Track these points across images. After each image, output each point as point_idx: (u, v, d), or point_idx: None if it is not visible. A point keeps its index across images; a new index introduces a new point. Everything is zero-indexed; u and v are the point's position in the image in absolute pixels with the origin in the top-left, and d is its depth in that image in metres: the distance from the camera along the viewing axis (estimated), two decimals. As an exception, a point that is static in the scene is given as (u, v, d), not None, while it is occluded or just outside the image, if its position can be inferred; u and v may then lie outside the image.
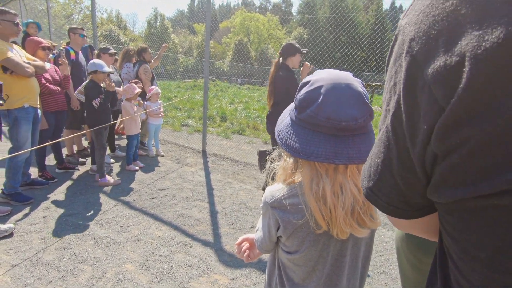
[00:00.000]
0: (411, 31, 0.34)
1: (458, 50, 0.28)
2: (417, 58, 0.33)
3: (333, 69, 0.74)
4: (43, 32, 8.85)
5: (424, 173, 0.36)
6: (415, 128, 0.34)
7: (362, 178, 0.47)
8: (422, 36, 0.32)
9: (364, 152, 0.68)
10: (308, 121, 0.69)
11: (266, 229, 0.85)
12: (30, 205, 3.01)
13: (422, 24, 0.33)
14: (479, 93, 0.27)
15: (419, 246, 1.14)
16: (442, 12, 0.30)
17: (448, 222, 0.35)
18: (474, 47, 0.27)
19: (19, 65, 2.75)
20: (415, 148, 0.35)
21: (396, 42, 0.38)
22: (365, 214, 0.73)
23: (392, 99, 0.38)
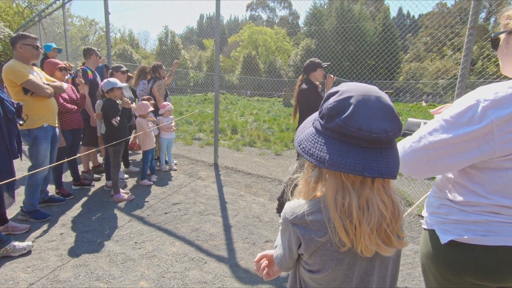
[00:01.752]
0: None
1: None
2: None
3: (360, 83, 0.73)
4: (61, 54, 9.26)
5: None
6: None
7: None
8: None
9: (392, 166, 0.65)
10: (337, 130, 0.67)
11: (286, 246, 0.82)
12: (47, 222, 3.06)
13: None
14: None
15: (448, 265, 1.07)
16: None
17: None
18: None
19: (39, 87, 2.86)
20: None
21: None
22: (392, 233, 0.69)
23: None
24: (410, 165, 1.12)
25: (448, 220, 1.07)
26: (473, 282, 1.04)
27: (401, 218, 0.71)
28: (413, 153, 1.10)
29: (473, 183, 1.02)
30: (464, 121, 0.97)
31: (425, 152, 1.06)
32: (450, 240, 1.04)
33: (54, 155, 3.27)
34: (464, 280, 1.05)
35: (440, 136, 1.02)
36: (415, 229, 3.18)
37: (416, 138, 1.11)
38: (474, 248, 1.00)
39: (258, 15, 74.32)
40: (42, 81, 2.97)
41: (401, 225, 0.75)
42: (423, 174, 1.12)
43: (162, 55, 23.73)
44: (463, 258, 1.02)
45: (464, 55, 2.89)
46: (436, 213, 1.12)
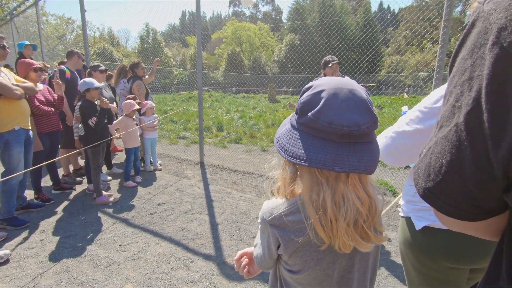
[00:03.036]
0: (501, 19, 0.30)
1: None
2: (510, 51, 0.29)
3: (337, 77, 0.71)
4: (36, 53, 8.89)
5: (505, 177, 0.32)
6: (501, 129, 0.31)
7: (416, 177, 0.43)
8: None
9: (366, 161, 0.63)
10: (309, 125, 0.66)
11: (265, 246, 0.81)
12: (26, 229, 2.95)
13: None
14: None
15: (423, 251, 1.10)
16: None
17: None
18: None
19: (7, 88, 2.73)
20: (498, 151, 0.32)
21: (473, 30, 0.35)
22: (369, 228, 0.69)
23: (466, 94, 0.34)
24: (391, 155, 1.15)
25: (422, 207, 1.10)
26: (447, 266, 1.08)
27: (378, 213, 0.71)
28: (393, 143, 1.13)
29: None
30: (437, 111, 0.99)
31: (403, 141, 1.09)
32: (424, 226, 1.08)
33: (29, 159, 3.14)
34: (439, 264, 1.08)
35: (416, 126, 1.05)
36: (398, 218, 3.27)
37: (395, 129, 1.13)
38: (446, 233, 1.04)
39: (241, 11, 73.82)
40: (10, 82, 2.83)
41: (379, 219, 0.75)
42: (404, 162, 1.15)
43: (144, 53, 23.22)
44: (437, 242, 1.06)
45: (440, 47, 2.97)
46: (411, 201, 1.16)
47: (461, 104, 0.35)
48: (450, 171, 0.37)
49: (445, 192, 0.39)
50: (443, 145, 0.38)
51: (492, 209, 0.37)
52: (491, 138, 0.32)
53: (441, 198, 0.39)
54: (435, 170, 0.39)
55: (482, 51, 0.32)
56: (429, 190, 0.41)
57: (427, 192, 0.41)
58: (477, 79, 0.33)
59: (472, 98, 0.33)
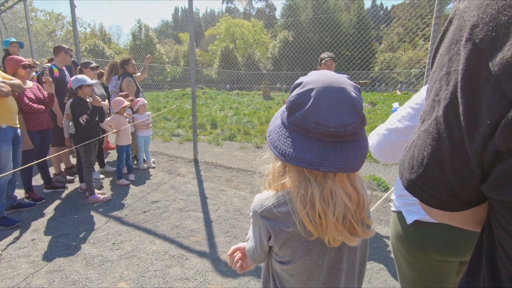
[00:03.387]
0: (474, 16, 0.31)
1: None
2: (480, 47, 0.30)
3: (328, 71, 0.71)
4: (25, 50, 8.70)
5: (480, 168, 0.34)
6: (474, 122, 0.32)
7: (401, 170, 0.45)
8: (489, 22, 0.30)
9: (352, 160, 0.65)
10: (297, 124, 0.66)
11: (257, 239, 0.82)
12: (17, 228, 2.91)
13: (488, 9, 0.30)
14: None
15: (414, 244, 1.13)
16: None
17: (507, 220, 0.34)
18: None
19: None
20: (472, 143, 0.33)
21: (450, 27, 0.36)
22: (357, 223, 0.71)
23: (444, 89, 0.35)
24: (384, 152, 1.17)
25: (413, 202, 1.12)
26: (437, 259, 1.10)
27: (366, 208, 0.72)
28: (386, 140, 1.14)
29: None
30: None
31: (396, 138, 1.10)
32: (415, 220, 1.10)
33: (18, 158, 3.09)
34: (429, 257, 1.11)
35: (407, 123, 1.06)
36: (390, 213, 3.31)
37: (387, 126, 1.15)
38: (437, 226, 1.07)
39: (235, 7, 73.33)
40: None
41: (368, 214, 0.77)
42: (397, 159, 1.17)
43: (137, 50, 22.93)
44: (427, 236, 1.08)
45: (431, 43, 3.00)
46: (403, 195, 1.18)
47: (440, 98, 0.36)
48: (431, 163, 0.38)
49: (427, 183, 0.40)
50: (425, 138, 0.39)
51: (471, 199, 0.39)
52: (466, 130, 0.33)
53: (424, 189, 0.41)
54: (417, 162, 0.40)
55: (458, 47, 0.33)
56: (412, 181, 0.42)
57: (411, 183, 0.42)
58: (454, 74, 0.34)
59: (450, 92, 0.34)
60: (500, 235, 0.36)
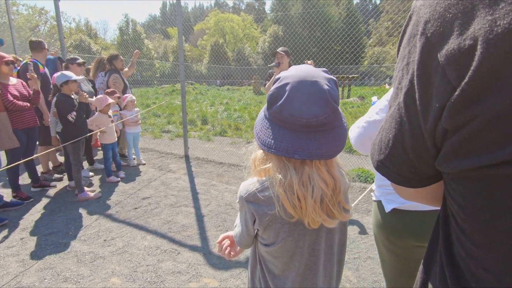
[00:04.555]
0: (427, 13, 0.35)
1: (471, 33, 0.30)
2: (431, 40, 0.34)
3: (306, 66, 0.76)
4: (7, 46, 8.43)
5: (434, 146, 0.38)
6: (427, 105, 0.36)
7: (372, 153, 0.50)
8: (438, 18, 0.34)
9: (325, 148, 0.70)
10: (275, 116, 0.72)
11: (243, 223, 0.87)
12: (4, 227, 2.87)
13: (437, 7, 0.34)
14: (488, 75, 0.29)
15: (392, 231, 1.18)
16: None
17: (454, 189, 0.39)
18: (487, 31, 0.29)
19: None
20: (426, 124, 0.37)
21: (410, 23, 0.40)
22: (334, 206, 0.76)
23: (404, 78, 0.40)
24: (364, 144, 1.21)
25: (391, 191, 1.17)
26: (413, 244, 1.17)
27: (342, 193, 0.78)
28: (365, 132, 1.18)
29: None
30: None
31: (375, 130, 1.15)
32: (393, 208, 1.15)
33: None
34: (406, 242, 1.17)
35: (384, 115, 1.11)
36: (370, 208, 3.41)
37: (367, 118, 1.19)
38: (412, 214, 1.12)
39: (224, 2, 72.47)
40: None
41: (346, 198, 0.82)
42: None
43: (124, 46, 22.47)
44: (404, 223, 1.14)
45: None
46: (382, 185, 1.23)
47: (402, 86, 0.41)
48: (395, 144, 0.43)
49: (393, 162, 0.45)
50: (390, 122, 0.44)
51: (430, 175, 0.44)
52: (421, 113, 0.38)
53: (390, 168, 0.46)
54: (384, 144, 0.45)
55: (415, 40, 0.38)
56: (381, 162, 0.47)
57: (380, 164, 0.47)
58: (412, 64, 0.38)
59: (409, 80, 0.39)
60: (450, 205, 0.41)
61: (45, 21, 28.42)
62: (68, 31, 29.27)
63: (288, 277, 0.84)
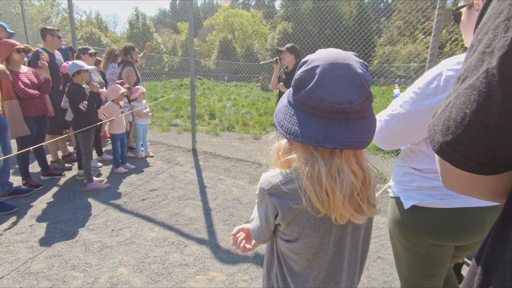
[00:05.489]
0: None
1: None
2: None
3: (335, 48, 0.71)
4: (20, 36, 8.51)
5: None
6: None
7: (432, 134, 0.43)
8: None
9: (357, 137, 0.65)
10: (302, 101, 0.67)
11: (263, 217, 0.82)
12: (14, 214, 2.90)
13: None
14: None
15: (410, 228, 1.14)
16: None
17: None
18: None
19: None
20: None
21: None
22: (363, 201, 0.71)
23: (500, 37, 0.33)
24: (385, 138, 1.16)
25: (411, 187, 1.13)
26: (432, 243, 1.12)
27: (371, 186, 0.73)
28: (387, 126, 1.14)
29: None
30: (430, 91, 1.00)
31: (397, 124, 1.10)
32: (412, 205, 1.11)
33: (6, 144, 3.00)
34: (425, 241, 1.12)
35: (409, 108, 1.06)
36: (387, 204, 3.35)
37: (389, 111, 1.14)
38: (433, 211, 1.08)
39: (234, -3, 72.06)
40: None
41: (373, 192, 0.77)
42: (399, 144, 1.17)
43: (134, 39, 22.55)
44: (424, 220, 1.10)
45: (433, 35, 2.98)
46: (401, 181, 1.18)
47: (493, 48, 0.34)
48: (474, 120, 0.36)
49: (464, 143, 0.38)
50: (468, 95, 0.37)
51: (507, 161, 0.37)
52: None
53: (458, 150, 0.39)
54: (456, 122, 0.39)
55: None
56: (446, 144, 0.40)
57: (444, 146, 0.41)
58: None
59: (510, 38, 0.32)
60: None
61: (56, 13, 28.70)
62: (79, 23, 29.53)
63: (310, 275, 0.79)
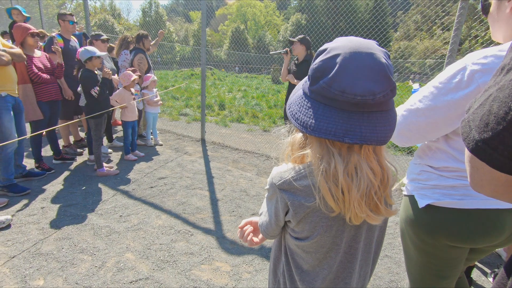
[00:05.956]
0: None
1: None
2: None
3: (355, 37, 0.65)
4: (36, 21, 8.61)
5: None
6: None
7: (467, 130, 0.40)
8: None
9: (380, 131, 0.60)
10: (321, 93, 0.62)
11: (272, 212, 0.78)
12: (27, 196, 2.96)
13: None
14: None
15: (424, 228, 1.10)
16: None
17: None
18: None
19: None
20: None
21: None
22: (380, 201, 0.66)
23: None
24: (402, 134, 1.12)
25: (427, 186, 1.09)
26: (447, 244, 1.08)
27: (390, 185, 0.69)
28: (405, 121, 1.09)
29: (454, 148, 1.03)
30: (452, 86, 0.95)
31: (416, 119, 1.05)
32: (427, 204, 1.07)
33: (22, 128, 3.06)
34: (438, 241, 1.09)
35: (429, 103, 1.01)
36: (397, 202, 3.28)
37: (407, 106, 1.09)
38: (449, 211, 1.03)
39: (247, -13, 71.00)
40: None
41: (390, 192, 0.72)
42: (415, 141, 1.12)
43: (146, 27, 22.57)
44: (439, 220, 1.06)
45: (454, 29, 2.85)
46: (416, 179, 1.14)
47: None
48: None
49: (506, 141, 0.35)
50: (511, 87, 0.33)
51: None
52: None
53: (498, 149, 0.35)
54: (497, 117, 0.35)
55: None
56: (484, 141, 0.37)
57: (481, 144, 0.37)
58: None
59: None
60: None
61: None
62: (93, 10, 29.68)
63: (319, 274, 0.76)
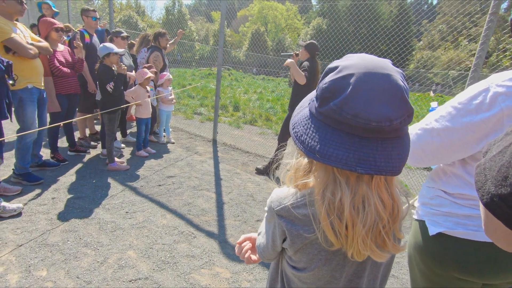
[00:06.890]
0: None
1: None
2: None
3: (368, 54, 0.59)
4: (62, 15, 8.91)
5: None
6: None
7: (482, 179, 0.35)
8: None
9: (394, 160, 0.54)
10: (331, 116, 0.56)
11: (270, 237, 0.74)
12: (40, 185, 3.05)
13: None
14: None
15: (433, 257, 1.03)
16: None
17: None
18: None
19: (21, 46, 2.69)
20: None
21: None
22: (388, 236, 0.60)
23: None
24: (415, 153, 1.06)
25: (439, 212, 1.02)
26: (454, 276, 1.01)
27: (400, 218, 0.62)
28: (419, 141, 1.03)
29: (471, 175, 0.96)
30: (472, 108, 0.88)
31: (430, 140, 0.99)
32: (438, 232, 1.00)
33: (43, 119, 3.17)
34: (448, 273, 1.02)
35: (446, 124, 0.94)
36: (407, 220, 3.16)
37: (423, 125, 1.03)
38: (462, 242, 0.96)
39: (270, -11, 71.16)
40: (25, 40, 2.80)
41: (400, 225, 0.66)
42: (428, 163, 1.06)
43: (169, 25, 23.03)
44: (450, 251, 0.99)
45: (481, 42, 2.72)
46: (428, 204, 1.07)
47: None
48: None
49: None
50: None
51: None
52: None
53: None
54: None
55: None
56: (500, 197, 0.31)
57: (497, 200, 0.32)
58: None
59: None
60: None
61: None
62: (118, 6, 30.56)
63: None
